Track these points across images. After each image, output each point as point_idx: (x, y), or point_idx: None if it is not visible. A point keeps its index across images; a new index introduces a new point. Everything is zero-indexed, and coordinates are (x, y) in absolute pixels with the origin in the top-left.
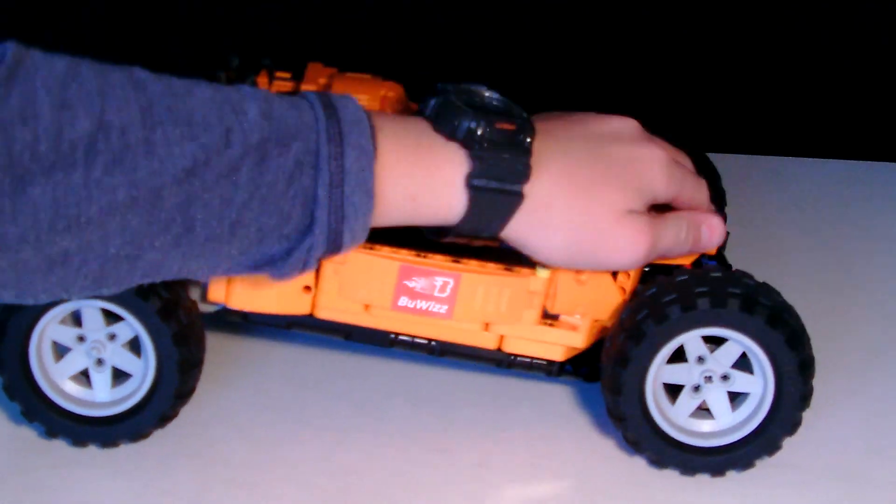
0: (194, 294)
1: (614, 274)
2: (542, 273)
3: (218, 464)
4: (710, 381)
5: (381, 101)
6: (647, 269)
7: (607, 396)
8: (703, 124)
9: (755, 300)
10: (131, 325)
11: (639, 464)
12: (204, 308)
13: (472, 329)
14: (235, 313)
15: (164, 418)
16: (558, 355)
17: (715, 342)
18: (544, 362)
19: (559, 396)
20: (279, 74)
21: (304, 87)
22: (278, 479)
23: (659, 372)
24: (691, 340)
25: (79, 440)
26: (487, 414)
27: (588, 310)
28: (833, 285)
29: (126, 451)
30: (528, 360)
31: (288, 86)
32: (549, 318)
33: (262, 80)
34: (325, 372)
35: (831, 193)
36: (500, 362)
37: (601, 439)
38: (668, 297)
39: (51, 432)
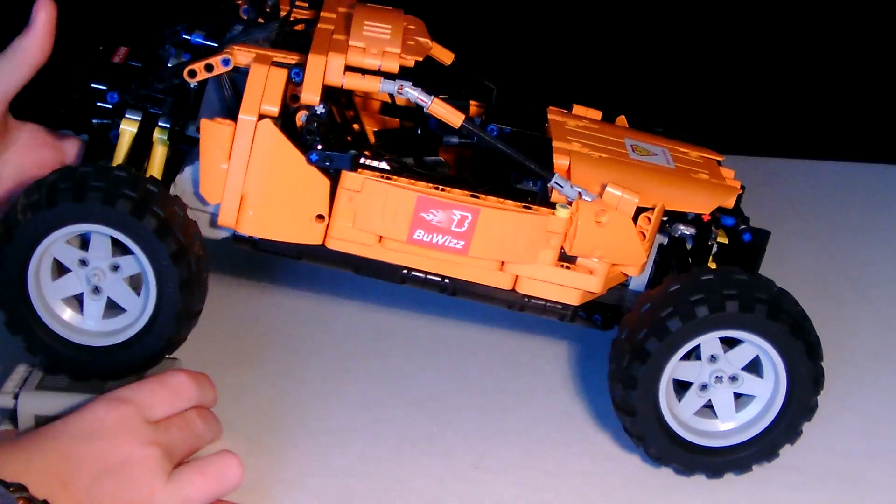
0: (202, 220)
1: (635, 217)
2: (562, 213)
3: None
4: (718, 382)
5: (405, 32)
6: (664, 220)
7: (618, 389)
8: (704, 126)
9: (781, 308)
10: (137, 259)
11: (635, 465)
12: (213, 234)
13: (487, 267)
14: (244, 240)
15: (172, 342)
16: (574, 299)
17: (726, 343)
18: (558, 306)
19: (555, 399)
20: (298, 3)
21: (324, 13)
22: (274, 480)
23: (673, 368)
24: (709, 340)
25: (52, 366)
26: (484, 416)
27: (607, 253)
28: (832, 289)
29: None
30: (542, 303)
31: (307, 13)
32: (566, 260)
33: (284, 5)
34: (322, 373)
35: (829, 194)
36: (513, 304)
37: (597, 442)
38: (696, 296)
39: (31, 349)
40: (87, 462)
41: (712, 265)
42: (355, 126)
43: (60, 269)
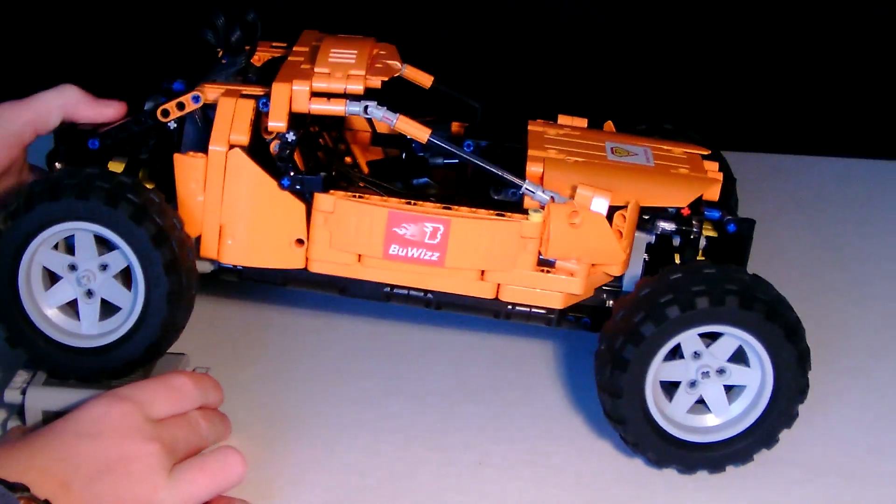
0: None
1: (610, 217)
2: (535, 217)
3: None
4: (706, 377)
5: (373, 56)
6: (645, 217)
7: (606, 400)
8: (703, 123)
9: (753, 296)
10: (124, 254)
11: (637, 461)
12: (199, 268)
13: (468, 278)
14: (230, 271)
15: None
16: (557, 303)
17: (709, 336)
18: (543, 311)
19: (557, 395)
20: (275, 44)
21: (297, 48)
22: (276, 476)
23: (657, 371)
24: (688, 338)
25: (56, 373)
26: (486, 413)
27: (584, 254)
28: (834, 284)
29: None
30: (527, 309)
31: (279, 51)
32: (545, 264)
33: (264, 49)
34: (324, 371)
35: (832, 190)
36: (498, 313)
37: (599, 437)
38: (665, 298)
39: (33, 360)
40: (88, 460)
41: (702, 259)
42: (347, 159)
43: (53, 281)
